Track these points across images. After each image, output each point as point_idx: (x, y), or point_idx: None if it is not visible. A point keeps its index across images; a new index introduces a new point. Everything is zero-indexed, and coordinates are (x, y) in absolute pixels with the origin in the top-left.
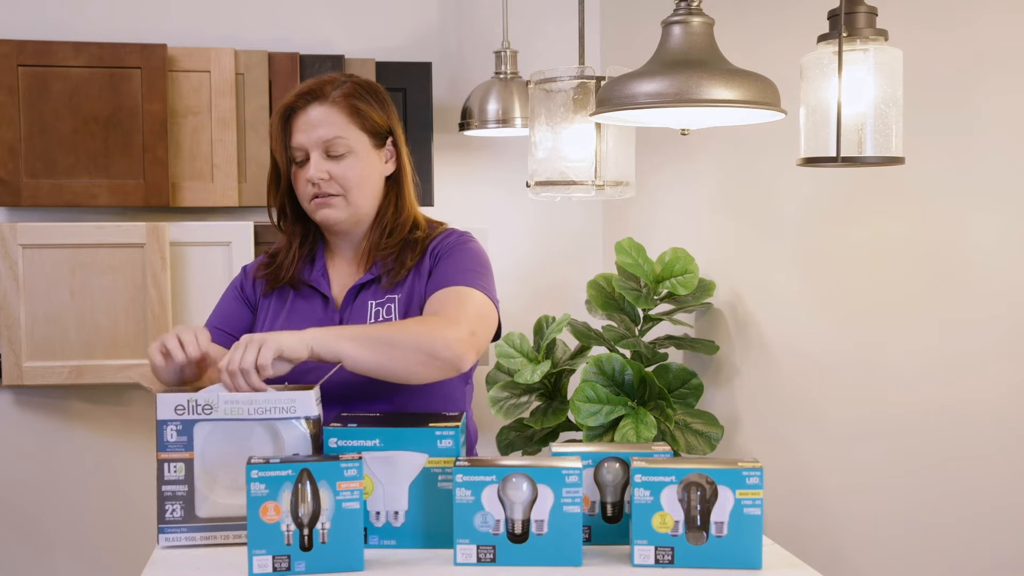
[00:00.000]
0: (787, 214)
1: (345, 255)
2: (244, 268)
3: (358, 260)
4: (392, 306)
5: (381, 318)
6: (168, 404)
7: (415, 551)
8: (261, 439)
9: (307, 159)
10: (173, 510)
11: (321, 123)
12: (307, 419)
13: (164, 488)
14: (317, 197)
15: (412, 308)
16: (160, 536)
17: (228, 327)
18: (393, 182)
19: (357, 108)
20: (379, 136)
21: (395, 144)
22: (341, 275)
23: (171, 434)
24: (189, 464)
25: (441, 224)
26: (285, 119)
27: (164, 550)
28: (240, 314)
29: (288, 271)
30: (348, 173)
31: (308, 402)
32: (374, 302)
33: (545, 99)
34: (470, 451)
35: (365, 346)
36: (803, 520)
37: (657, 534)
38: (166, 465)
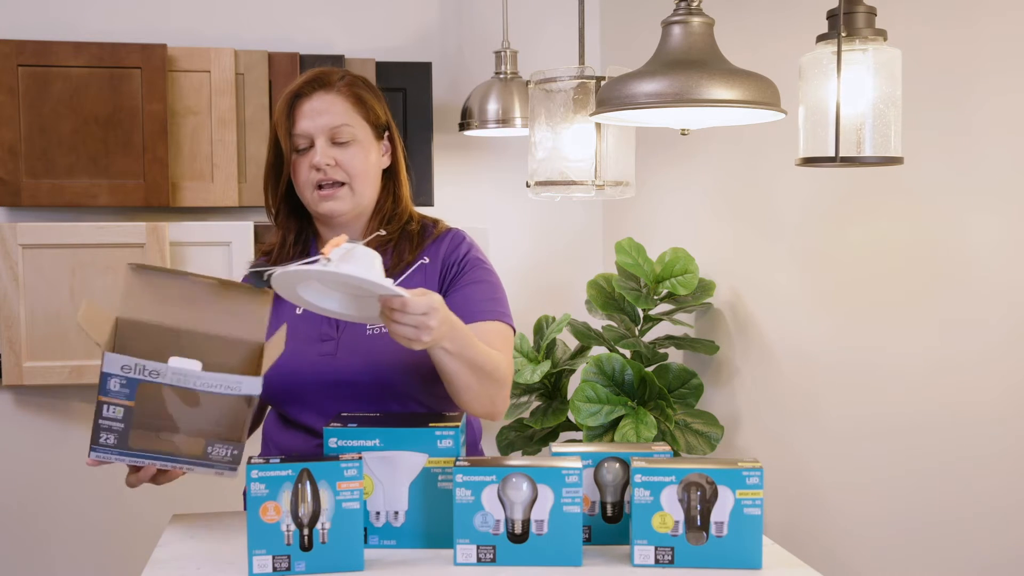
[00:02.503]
0: (787, 214)
1: None
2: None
3: None
4: None
5: None
6: (115, 362)
7: (415, 551)
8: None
9: (310, 146)
10: (107, 439)
11: (327, 110)
12: (248, 397)
13: (101, 422)
14: (321, 188)
15: None
16: (91, 452)
17: None
18: (389, 175)
19: (361, 97)
20: (379, 128)
21: (391, 139)
22: None
23: (115, 384)
24: (128, 410)
25: (437, 221)
26: (290, 107)
27: (162, 548)
28: None
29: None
30: (354, 161)
31: (254, 384)
32: None
33: (545, 99)
34: (474, 448)
35: (465, 364)
36: (803, 520)
37: (657, 534)
38: (105, 406)
